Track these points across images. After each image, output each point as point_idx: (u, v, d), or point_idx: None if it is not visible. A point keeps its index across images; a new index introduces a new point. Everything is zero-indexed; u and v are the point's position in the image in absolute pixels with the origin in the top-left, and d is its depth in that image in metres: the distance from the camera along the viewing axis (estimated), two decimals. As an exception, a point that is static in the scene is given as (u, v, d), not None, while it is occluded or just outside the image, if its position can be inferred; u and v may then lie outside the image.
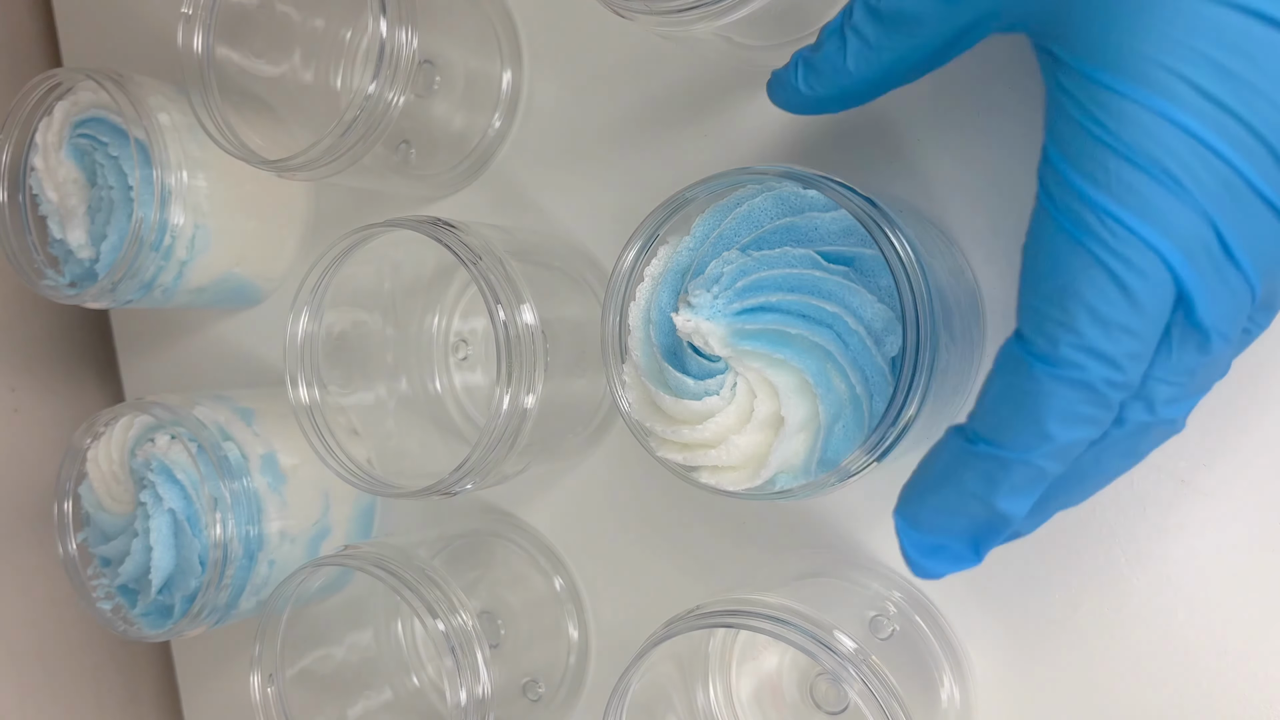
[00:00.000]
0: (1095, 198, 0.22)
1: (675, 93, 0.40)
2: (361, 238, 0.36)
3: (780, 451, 0.29)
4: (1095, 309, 0.22)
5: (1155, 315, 0.23)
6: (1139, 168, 0.22)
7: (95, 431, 0.45)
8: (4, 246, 0.46)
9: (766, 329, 0.29)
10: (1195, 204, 0.22)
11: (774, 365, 0.29)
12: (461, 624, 0.37)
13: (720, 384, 0.30)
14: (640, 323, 0.32)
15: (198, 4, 0.40)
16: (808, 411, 0.29)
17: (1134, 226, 0.22)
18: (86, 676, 0.54)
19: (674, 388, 0.31)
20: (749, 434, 0.30)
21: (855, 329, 0.29)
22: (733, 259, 0.30)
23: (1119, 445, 0.25)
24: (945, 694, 0.34)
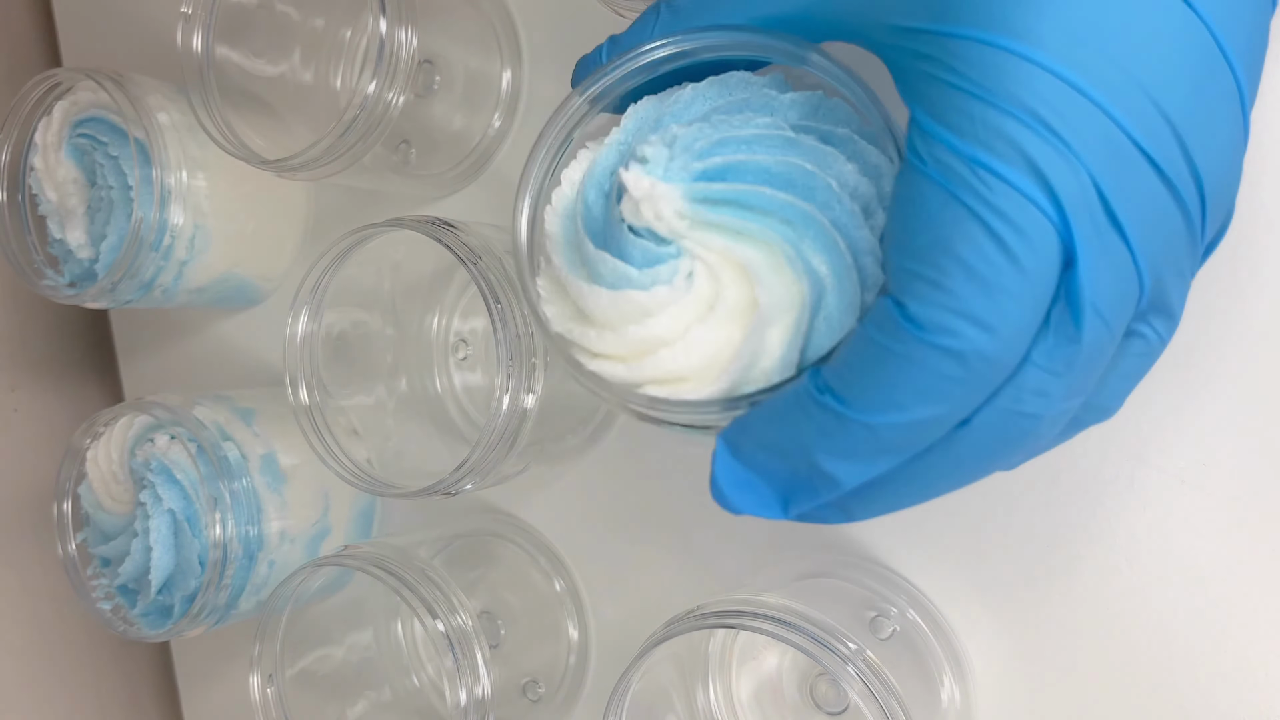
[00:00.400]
0: (964, 148, 0.20)
1: (675, 92, 0.40)
2: (361, 238, 0.36)
3: (749, 348, 0.23)
4: (971, 266, 0.20)
5: (1038, 279, 0.20)
6: (1008, 114, 0.19)
7: (95, 431, 0.45)
8: (3, 246, 0.46)
9: (735, 196, 0.24)
10: (1074, 157, 0.19)
11: (743, 239, 0.24)
12: (461, 624, 0.36)
13: (672, 271, 0.24)
14: (561, 215, 0.26)
15: (197, 4, 0.40)
16: (790, 292, 0.24)
17: (1009, 177, 0.19)
18: (86, 676, 0.54)
19: (611, 280, 0.25)
20: (712, 327, 0.24)
21: (840, 194, 0.24)
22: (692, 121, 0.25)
23: (978, 439, 0.22)
24: (945, 694, 0.34)
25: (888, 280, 0.22)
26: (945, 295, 0.20)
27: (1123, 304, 0.21)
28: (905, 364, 0.20)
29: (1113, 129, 0.19)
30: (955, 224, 0.20)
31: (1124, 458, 0.33)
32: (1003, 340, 0.20)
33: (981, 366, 0.20)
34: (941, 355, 0.20)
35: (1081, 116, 0.19)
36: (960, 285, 0.20)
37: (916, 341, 0.20)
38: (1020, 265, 0.20)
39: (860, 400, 0.21)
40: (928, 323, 0.20)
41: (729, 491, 0.24)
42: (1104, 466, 0.33)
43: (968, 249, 0.20)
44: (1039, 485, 0.34)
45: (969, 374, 0.20)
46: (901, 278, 0.21)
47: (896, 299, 0.21)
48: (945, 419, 0.21)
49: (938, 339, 0.20)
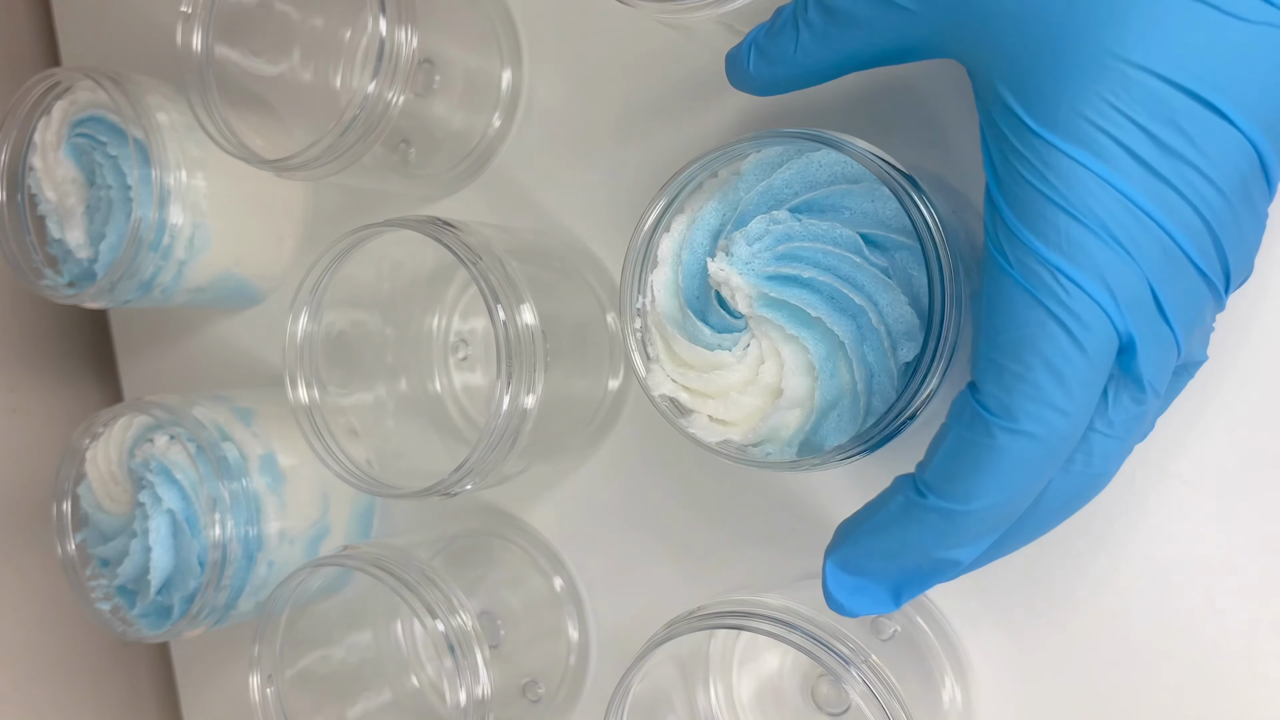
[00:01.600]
0: (1049, 256, 0.23)
1: (677, 91, 0.40)
2: (361, 238, 0.36)
3: (772, 420, 0.29)
4: (1053, 363, 0.23)
5: (1103, 368, 0.24)
6: (1087, 228, 0.23)
7: (94, 432, 0.45)
8: (3, 246, 0.46)
9: (791, 302, 0.29)
10: (1135, 265, 0.23)
11: (788, 340, 0.30)
12: (461, 624, 0.36)
13: (735, 341, 0.31)
14: (670, 258, 0.31)
15: (197, 3, 0.40)
16: (806, 391, 0.30)
17: (1084, 284, 0.23)
18: (86, 677, 0.54)
19: (690, 333, 0.31)
20: (749, 396, 0.30)
21: (876, 326, 0.29)
22: (781, 219, 0.30)
23: (1058, 501, 0.26)
24: (947, 694, 0.34)
25: (975, 369, 0.25)
26: (1029, 387, 0.24)
27: (1167, 373, 0.25)
28: (996, 454, 0.24)
29: (1166, 240, 0.23)
30: (1039, 325, 0.23)
31: (1125, 458, 0.33)
32: (1074, 421, 0.24)
33: (1059, 444, 0.24)
34: (1027, 440, 0.24)
35: (1143, 230, 0.23)
36: (1043, 378, 0.23)
37: (1004, 432, 0.24)
38: (1089, 359, 0.23)
39: (963, 494, 0.25)
40: (1012, 413, 0.24)
41: (843, 600, 0.27)
42: (1105, 467, 0.33)
43: (1050, 348, 0.23)
44: (1040, 485, 0.34)
45: (1049, 452, 0.24)
46: (989, 370, 0.24)
47: (980, 392, 0.24)
48: (1035, 490, 0.25)
49: (1023, 426, 0.24)
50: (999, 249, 0.24)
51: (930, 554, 0.26)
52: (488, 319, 0.34)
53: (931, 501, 0.25)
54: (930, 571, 0.27)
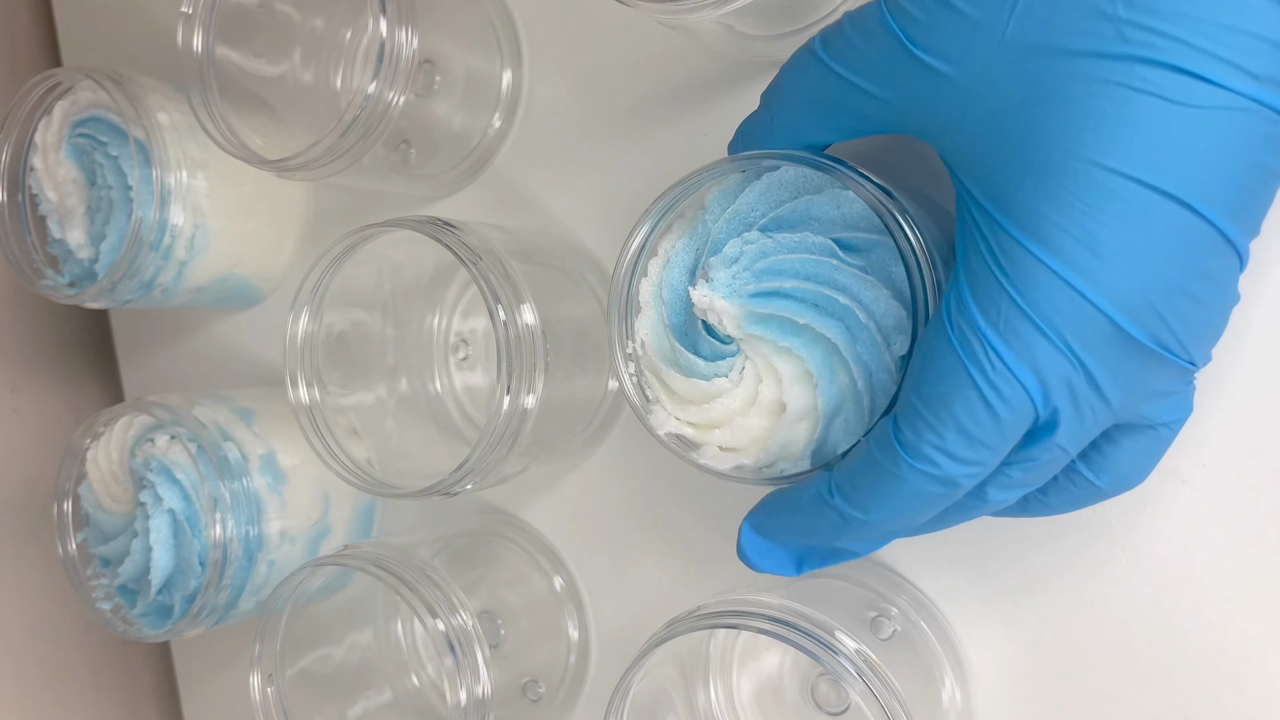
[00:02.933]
0: (986, 333, 0.25)
1: (676, 91, 0.40)
2: (361, 238, 0.36)
3: (780, 437, 0.30)
4: (962, 424, 0.25)
5: (1012, 435, 0.25)
6: (1029, 320, 0.24)
7: (95, 431, 0.45)
8: (3, 246, 0.46)
9: (777, 315, 0.30)
10: (1072, 354, 0.24)
11: (780, 353, 0.30)
12: (461, 624, 0.36)
13: (730, 367, 0.31)
14: (653, 300, 0.32)
15: (197, 4, 0.40)
16: (808, 401, 0.30)
17: (1012, 366, 0.24)
18: (86, 676, 0.54)
19: (684, 368, 0.31)
20: (753, 417, 0.30)
21: (865, 324, 0.29)
22: (754, 239, 0.30)
23: (963, 508, 0.28)
24: (947, 694, 0.34)
25: (896, 406, 0.27)
26: (936, 437, 0.25)
27: (1090, 435, 0.26)
28: (897, 481, 0.26)
29: (1111, 328, 0.24)
30: (959, 388, 0.25)
31: (1124, 458, 0.33)
32: (975, 470, 0.26)
33: (956, 486, 0.26)
34: (925, 479, 0.26)
35: (1089, 323, 0.24)
36: (950, 434, 0.25)
37: (908, 466, 0.26)
38: (1001, 428, 0.25)
39: (861, 505, 0.27)
40: (918, 454, 0.26)
41: (753, 557, 0.30)
42: (1104, 466, 0.33)
43: (964, 411, 0.25)
44: (1039, 485, 0.34)
45: (946, 490, 0.26)
46: (907, 411, 0.26)
47: (897, 427, 0.26)
48: (930, 513, 0.27)
49: (924, 467, 0.26)
50: (947, 307, 0.26)
51: (828, 541, 0.29)
52: (488, 319, 0.34)
53: (836, 502, 0.27)
54: (828, 555, 0.30)
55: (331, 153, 0.37)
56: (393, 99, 0.37)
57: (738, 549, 0.31)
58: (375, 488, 0.37)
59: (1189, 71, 0.23)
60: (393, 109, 0.37)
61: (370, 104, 0.36)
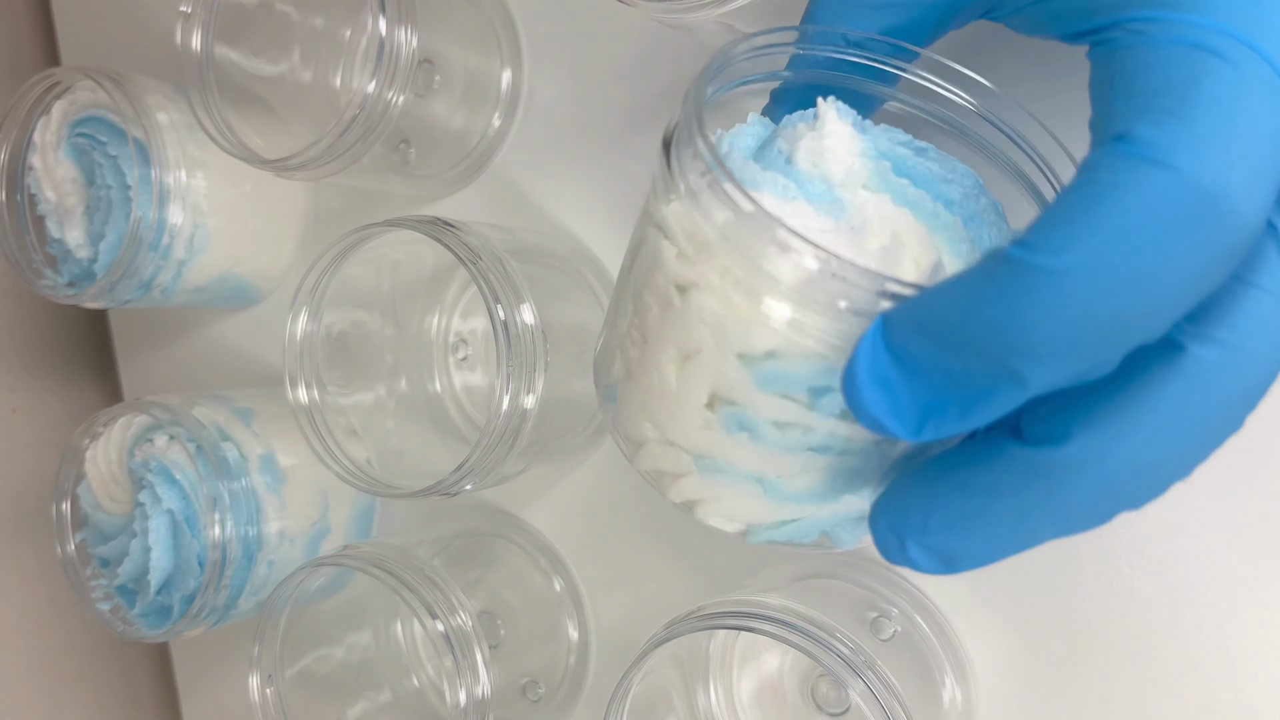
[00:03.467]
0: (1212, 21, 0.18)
1: (677, 91, 0.39)
2: (361, 238, 0.36)
3: None
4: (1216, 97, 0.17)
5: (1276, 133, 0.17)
6: None
7: (94, 432, 0.45)
8: (2, 246, 0.46)
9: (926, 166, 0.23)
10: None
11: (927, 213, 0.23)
12: (461, 624, 0.36)
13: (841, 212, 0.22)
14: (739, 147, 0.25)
15: (197, 3, 0.40)
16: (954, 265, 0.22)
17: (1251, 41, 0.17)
18: (85, 676, 0.54)
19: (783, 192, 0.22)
20: None
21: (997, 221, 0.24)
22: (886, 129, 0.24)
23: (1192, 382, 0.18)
24: (947, 695, 0.34)
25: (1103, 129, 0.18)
26: (1185, 121, 0.17)
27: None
28: (1121, 191, 0.17)
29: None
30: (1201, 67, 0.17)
31: (1125, 458, 0.33)
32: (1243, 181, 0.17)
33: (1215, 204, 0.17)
34: (1170, 176, 0.17)
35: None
36: (1204, 112, 0.17)
37: (1141, 162, 0.17)
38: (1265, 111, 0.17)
39: (1055, 242, 0.17)
40: (1159, 143, 0.17)
41: (863, 383, 0.19)
42: (1105, 467, 0.33)
43: (1214, 82, 0.17)
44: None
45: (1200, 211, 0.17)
46: (1129, 114, 0.18)
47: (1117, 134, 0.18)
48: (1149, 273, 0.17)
49: (1170, 157, 0.17)
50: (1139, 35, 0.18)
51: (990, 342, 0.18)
52: (488, 319, 0.34)
53: (1012, 252, 0.18)
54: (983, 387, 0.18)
55: (331, 152, 0.37)
56: (392, 98, 0.37)
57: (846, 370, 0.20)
58: (375, 488, 0.37)
59: None
60: (392, 109, 0.37)
61: (370, 103, 0.36)
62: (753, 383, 0.22)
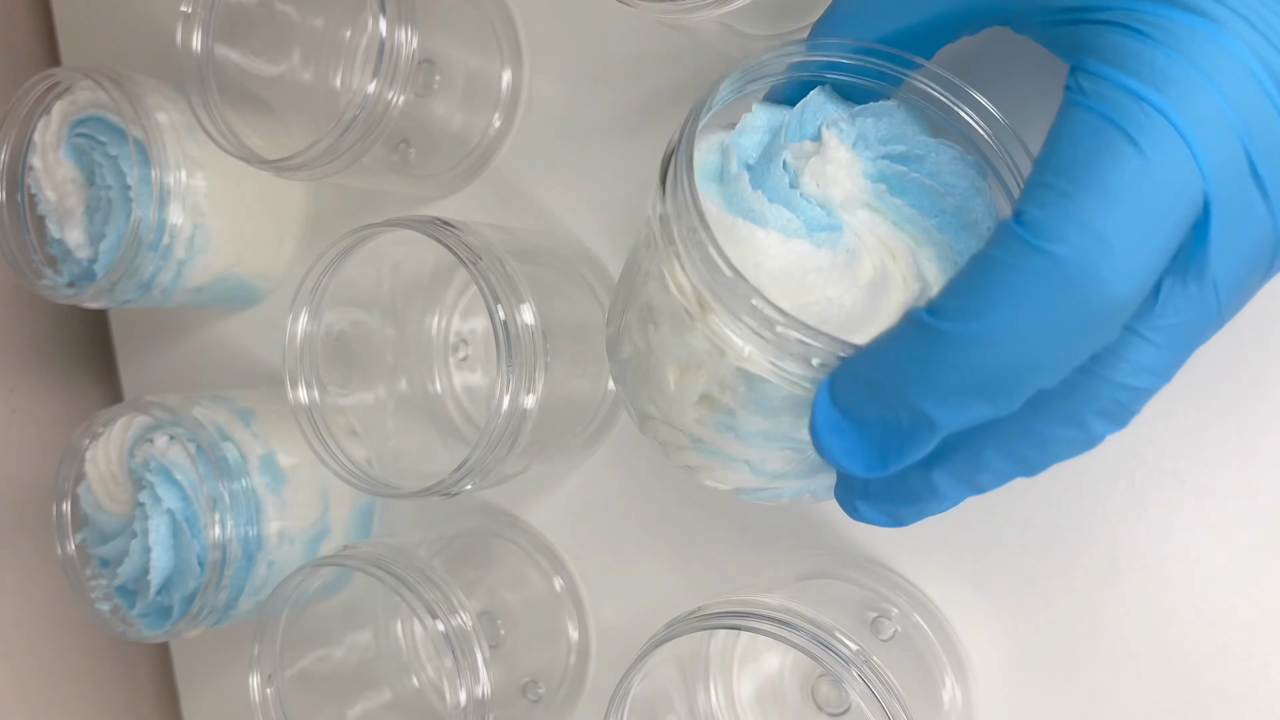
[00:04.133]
0: (1132, 84, 0.20)
1: (677, 91, 0.40)
2: (361, 238, 0.36)
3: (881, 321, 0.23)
4: (1106, 180, 0.19)
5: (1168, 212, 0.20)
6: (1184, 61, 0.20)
7: (94, 432, 0.45)
8: (2, 246, 0.46)
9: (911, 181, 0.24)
10: (1231, 116, 0.20)
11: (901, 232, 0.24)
12: (461, 624, 0.36)
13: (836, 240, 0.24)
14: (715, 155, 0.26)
15: (197, 3, 0.40)
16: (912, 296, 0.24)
17: (1171, 115, 0.20)
18: (86, 677, 0.54)
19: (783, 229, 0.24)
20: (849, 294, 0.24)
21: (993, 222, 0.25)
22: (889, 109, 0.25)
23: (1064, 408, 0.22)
24: (947, 695, 0.34)
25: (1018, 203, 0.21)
26: (1070, 204, 0.19)
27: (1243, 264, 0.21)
28: (1007, 271, 0.20)
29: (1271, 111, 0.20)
30: (1104, 144, 0.20)
31: (1124, 458, 0.33)
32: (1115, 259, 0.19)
33: (1083, 285, 0.19)
34: (1049, 260, 0.19)
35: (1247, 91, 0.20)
36: (1089, 196, 0.19)
37: (1025, 246, 0.20)
38: (1156, 188, 0.19)
39: (957, 310, 0.20)
40: (1043, 227, 0.20)
41: (823, 435, 0.23)
42: (1104, 466, 0.33)
43: (1109, 164, 0.19)
44: (1039, 485, 0.34)
45: (1072, 289, 0.19)
46: (1032, 190, 0.20)
47: (1019, 210, 0.20)
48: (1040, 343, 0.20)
49: (1047, 243, 0.19)
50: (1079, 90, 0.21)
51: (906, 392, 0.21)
52: (488, 319, 0.34)
53: (922, 315, 0.21)
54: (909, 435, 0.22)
55: (331, 153, 0.37)
56: (392, 99, 0.37)
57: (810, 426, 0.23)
58: (375, 488, 0.37)
59: None
60: (392, 109, 0.37)
61: (370, 104, 0.36)
62: (742, 402, 0.25)
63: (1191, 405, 0.32)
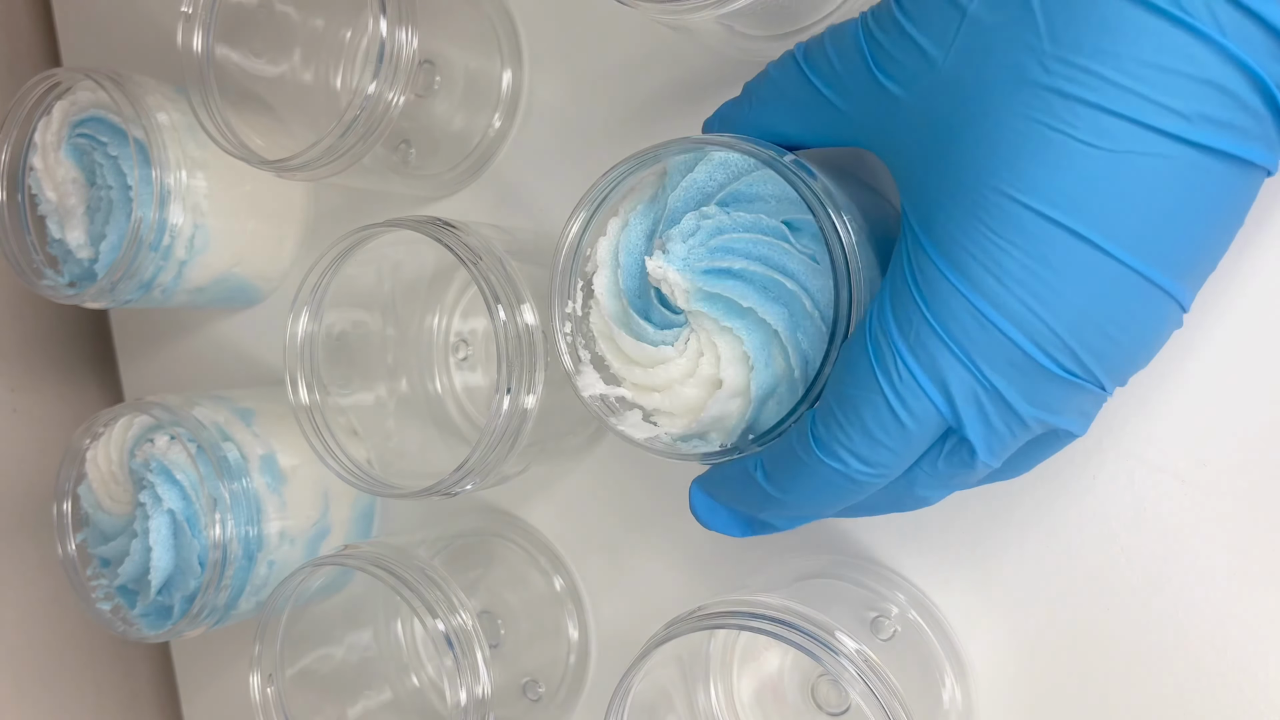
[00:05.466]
0: (898, 343, 0.26)
1: (676, 91, 0.40)
2: (361, 238, 0.36)
3: (713, 410, 0.30)
4: (868, 427, 0.26)
5: (917, 443, 0.27)
6: (936, 335, 0.25)
7: (94, 432, 0.45)
8: (3, 246, 0.46)
9: (724, 295, 0.30)
10: (979, 372, 0.25)
11: (723, 331, 0.30)
12: (461, 624, 0.36)
13: (676, 336, 0.31)
14: (608, 259, 0.32)
15: (198, 4, 0.40)
16: (743, 381, 0.30)
17: (919, 377, 0.26)
18: (86, 677, 0.54)
19: (635, 332, 0.32)
20: (691, 388, 0.31)
21: (810, 312, 0.30)
22: (710, 214, 0.31)
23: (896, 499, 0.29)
24: (947, 694, 0.34)
25: (818, 400, 0.28)
26: (845, 436, 0.27)
27: (1006, 451, 0.27)
28: (809, 471, 0.28)
29: (1017, 352, 0.25)
30: (869, 393, 0.26)
31: (1123, 457, 0.33)
32: (881, 470, 0.27)
33: (866, 481, 0.27)
34: (832, 473, 0.27)
35: (992, 343, 0.25)
36: (856, 435, 0.27)
37: (817, 459, 0.27)
38: (906, 436, 0.26)
39: (780, 486, 0.29)
40: (828, 449, 0.27)
41: (702, 515, 0.32)
42: (1103, 466, 0.33)
43: (870, 415, 0.26)
44: (1039, 485, 0.34)
45: (855, 485, 0.27)
46: (823, 408, 0.27)
47: (814, 421, 0.27)
48: (844, 502, 0.28)
49: (832, 462, 0.27)
50: (869, 319, 0.27)
51: (755, 513, 0.31)
52: (488, 319, 0.34)
53: (759, 478, 0.29)
54: (762, 524, 0.32)
55: (331, 153, 0.37)
56: (393, 99, 0.37)
57: (690, 506, 0.32)
58: (375, 488, 0.37)
59: (1109, 109, 0.23)
60: (393, 109, 0.37)
61: (370, 104, 0.36)
62: None
63: (1191, 405, 0.32)
